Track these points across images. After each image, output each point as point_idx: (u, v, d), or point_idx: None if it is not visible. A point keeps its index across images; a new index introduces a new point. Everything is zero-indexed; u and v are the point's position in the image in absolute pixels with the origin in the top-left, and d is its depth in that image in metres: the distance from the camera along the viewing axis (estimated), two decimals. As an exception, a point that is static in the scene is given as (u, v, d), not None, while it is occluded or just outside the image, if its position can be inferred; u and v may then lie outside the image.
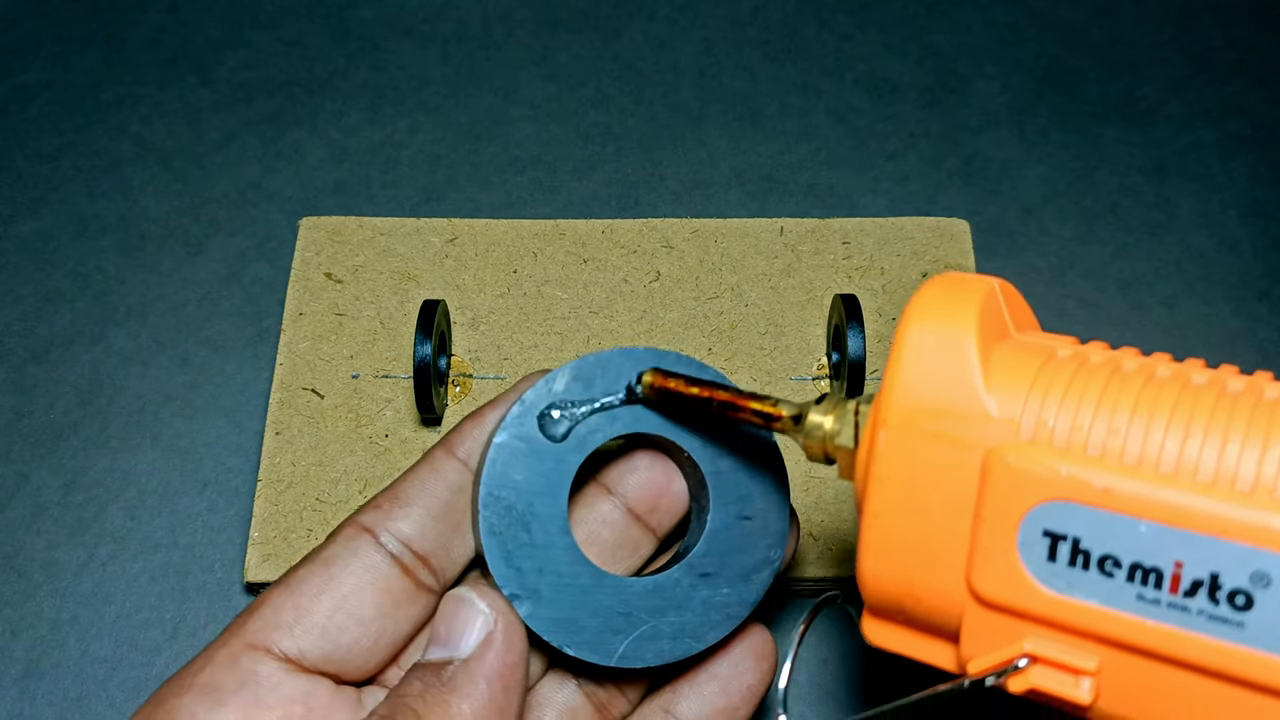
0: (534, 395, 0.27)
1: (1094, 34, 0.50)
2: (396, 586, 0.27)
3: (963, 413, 0.22)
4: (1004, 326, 0.24)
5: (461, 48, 0.49)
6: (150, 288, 0.43)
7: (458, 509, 0.28)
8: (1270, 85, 0.48)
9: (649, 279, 0.41)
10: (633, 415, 0.28)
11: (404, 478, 0.28)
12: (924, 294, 0.23)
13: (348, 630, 0.26)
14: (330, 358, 0.39)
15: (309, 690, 0.25)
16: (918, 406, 0.22)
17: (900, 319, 0.23)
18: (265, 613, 0.26)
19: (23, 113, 0.47)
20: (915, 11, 0.50)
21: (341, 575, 0.26)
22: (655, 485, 0.29)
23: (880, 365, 0.39)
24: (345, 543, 0.27)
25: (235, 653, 0.25)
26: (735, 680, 0.29)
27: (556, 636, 0.27)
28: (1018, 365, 0.22)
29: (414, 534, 0.27)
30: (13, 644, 0.36)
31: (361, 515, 0.27)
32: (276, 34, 0.50)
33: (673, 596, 0.28)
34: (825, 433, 0.25)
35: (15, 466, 0.39)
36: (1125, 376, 0.22)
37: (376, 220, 0.42)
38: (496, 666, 0.25)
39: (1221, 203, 0.45)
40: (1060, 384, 0.22)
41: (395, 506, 0.27)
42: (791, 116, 0.47)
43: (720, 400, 0.27)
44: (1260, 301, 0.43)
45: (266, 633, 0.25)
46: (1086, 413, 0.21)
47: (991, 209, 0.45)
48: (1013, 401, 0.22)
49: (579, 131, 0.47)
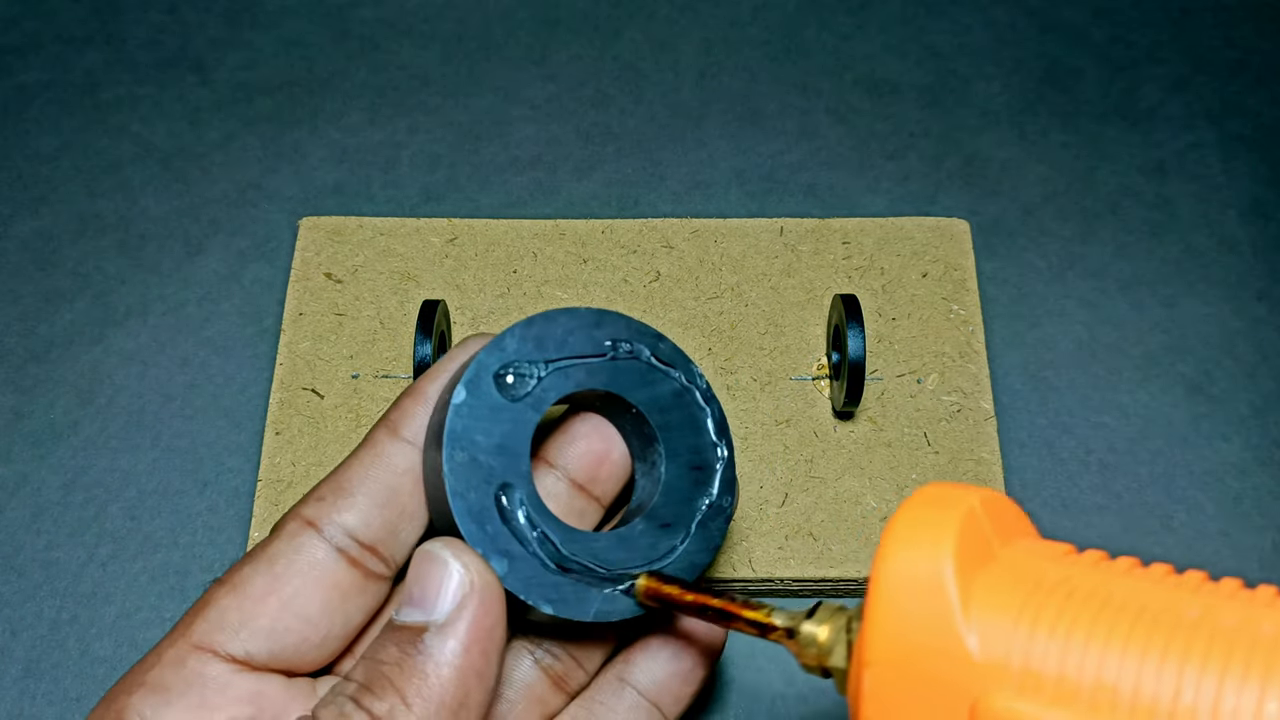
0: (487, 355, 0.27)
1: (1094, 34, 0.50)
2: (344, 580, 0.26)
3: (945, 654, 0.21)
4: (988, 547, 0.22)
5: (461, 48, 0.49)
6: (150, 288, 0.43)
7: (404, 492, 0.27)
8: (1270, 85, 0.48)
9: (649, 279, 0.41)
10: (586, 371, 0.28)
11: (347, 464, 0.27)
12: (899, 519, 0.22)
13: (295, 630, 0.25)
14: (330, 358, 0.39)
15: (259, 689, 0.25)
16: (900, 646, 0.21)
17: (879, 546, 0.22)
18: (210, 614, 0.25)
19: (23, 113, 0.47)
20: (915, 11, 0.50)
21: (286, 574, 0.26)
22: (595, 453, 0.29)
23: (880, 365, 0.39)
24: (289, 539, 0.26)
25: (182, 653, 0.25)
26: (686, 643, 0.29)
27: (532, 595, 0.26)
28: (1001, 598, 0.21)
29: (359, 524, 0.26)
30: (13, 644, 0.36)
31: (304, 508, 0.26)
32: (276, 34, 0.50)
33: (638, 548, 0.28)
34: (819, 647, 0.24)
35: (15, 466, 0.39)
36: (1115, 610, 0.20)
37: (376, 220, 0.42)
38: (475, 630, 0.24)
39: (1221, 203, 0.45)
40: (1045, 622, 0.20)
41: (339, 497, 0.26)
42: (791, 116, 0.47)
43: (714, 608, 0.26)
44: (1260, 301, 0.43)
45: (212, 634, 0.25)
46: (1074, 658, 0.20)
47: (991, 209, 0.45)
48: (996, 642, 0.20)
49: (579, 131, 0.47)
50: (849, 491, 0.37)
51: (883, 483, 0.37)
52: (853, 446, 0.37)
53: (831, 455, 0.37)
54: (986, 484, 0.37)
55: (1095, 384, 0.41)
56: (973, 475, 0.37)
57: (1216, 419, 0.40)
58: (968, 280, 0.41)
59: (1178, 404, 0.40)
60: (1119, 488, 0.39)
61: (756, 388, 0.38)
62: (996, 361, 0.41)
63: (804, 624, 0.25)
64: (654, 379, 0.29)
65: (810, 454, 0.37)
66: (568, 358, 0.28)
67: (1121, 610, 0.20)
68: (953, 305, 0.40)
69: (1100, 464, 0.39)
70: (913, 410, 0.38)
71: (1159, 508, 0.38)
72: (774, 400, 0.38)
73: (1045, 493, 0.38)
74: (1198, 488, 0.39)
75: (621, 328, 0.29)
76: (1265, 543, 0.38)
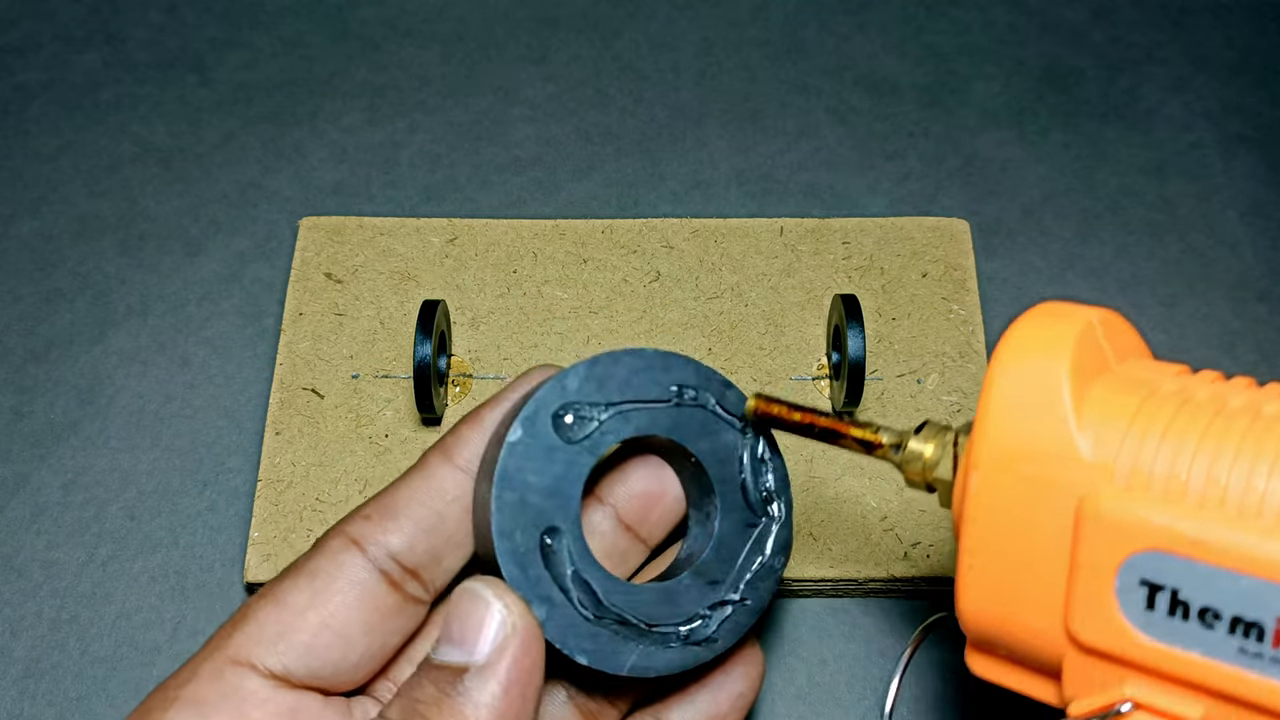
0: (547, 394, 0.27)
1: (1094, 34, 0.50)
2: (384, 601, 0.26)
3: (1055, 455, 0.21)
4: (1104, 360, 0.23)
5: (461, 48, 0.49)
6: (150, 288, 0.43)
7: (451, 520, 0.27)
8: (1270, 85, 0.48)
9: (649, 279, 0.41)
10: (649, 416, 0.28)
11: (397, 485, 0.27)
12: (1016, 329, 0.22)
13: (334, 648, 0.25)
14: (330, 358, 0.39)
15: (295, 705, 0.25)
16: (1009, 448, 0.21)
17: (992, 355, 0.22)
18: (250, 628, 0.25)
19: (23, 113, 0.47)
20: (915, 11, 0.50)
21: (327, 591, 0.25)
22: (649, 495, 0.29)
23: (880, 365, 0.39)
24: (332, 556, 0.26)
25: (219, 666, 0.25)
26: (725, 689, 0.29)
27: (568, 645, 0.26)
28: (1115, 404, 0.21)
29: (403, 548, 0.26)
30: (13, 644, 0.36)
31: (350, 525, 0.26)
32: (276, 34, 0.50)
33: (682, 604, 0.28)
34: (925, 461, 0.25)
35: (15, 466, 0.39)
36: (1229, 416, 0.21)
37: (376, 220, 0.42)
38: (515, 673, 0.24)
39: (1221, 203, 0.45)
40: (1159, 425, 0.21)
41: (385, 519, 0.26)
42: (791, 116, 0.47)
43: (821, 426, 0.26)
44: (1260, 301, 0.43)
45: (251, 648, 0.25)
46: (1185, 458, 0.20)
47: (991, 209, 0.45)
48: (1108, 443, 0.21)
49: (579, 131, 0.47)
50: (849, 491, 0.37)
51: (883, 483, 0.37)
52: (853, 446, 0.37)
53: (831, 455, 0.37)
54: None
55: (1095, 384, 0.41)
56: (973, 475, 0.37)
57: (1216, 419, 0.40)
58: (968, 280, 0.41)
59: (1178, 404, 0.40)
60: (1119, 488, 0.39)
61: (756, 388, 0.38)
62: (996, 361, 0.41)
63: (911, 440, 0.25)
64: (717, 428, 0.28)
65: (810, 454, 0.37)
66: (630, 401, 0.28)
67: (1235, 417, 0.21)
68: (953, 305, 0.40)
69: (1100, 464, 0.39)
70: (913, 410, 0.38)
71: (1159, 508, 0.38)
72: (774, 400, 0.38)
73: (1045, 493, 0.38)
74: (1198, 488, 0.39)
75: (690, 373, 0.28)
76: (1265, 543, 0.38)
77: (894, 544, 0.36)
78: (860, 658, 0.36)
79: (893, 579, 0.35)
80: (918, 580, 0.35)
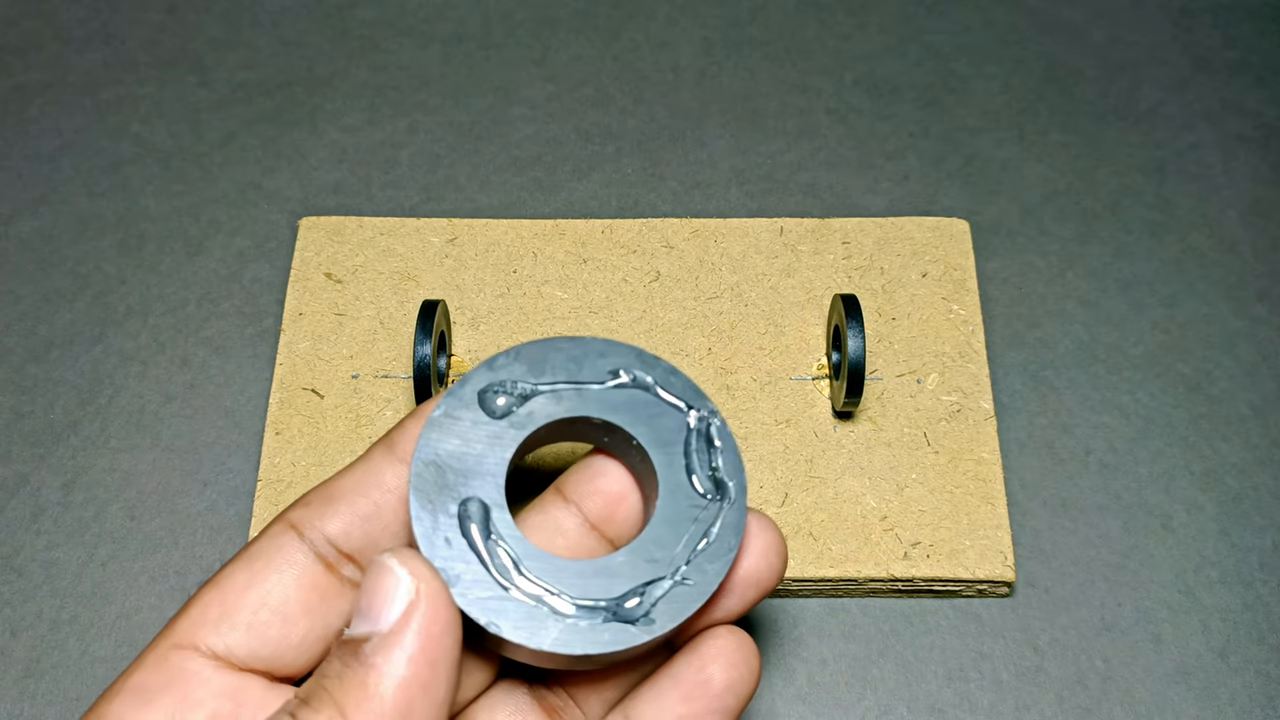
0: (475, 374, 0.27)
1: (1094, 34, 0.50)
2: (322, 582, 0.26)
3: None
4: None
5: (461, 48, 0.49)
6: (150, 288, 0.43)
7: (388, 509, 0.27)
8: (1270, 85, 0.48)
9: (649, 279, 0.41)
10: (579, 397, 0.28)
11: (340, 474, 0.27)
12: None
13: (274, 625, 0.25)
14: (330, 358, 0.39)
15: (239, 686, 0.25)
16: None
17: None
18: (192, 612, 0.25)
19: (23, 113, 0.47)
20: (915, 11, 0.50)
21: (265, 571, 0.26)
22: (613, 493, 0.29)
23: (880, 365, 0.39)
24: (271, 539, 0.26)
25: (163, 653, 0.25)
26: (700, 687, 0.28)
27: (485, 614, 0.25)
28: None
29: (339, 533, 0.26)
30: (13, 644, 0.36)
31: (290, 512, 0.27)
32: (276, 34, 0.50)
33: (615, 581, 0.26)
34: None
35: (15, 466, 0.39)
36: None
37: (376, 220, 0.42)
38: (419, 640, 0.23)
39: (1221, 203, 0.45)
40: None
41: (324, 505, 0.27)
42: (791, 116, 0.47)
43: None
44: (1260, 301, 0.43)
45: (193, 630, 0.25)
46: None
47: (991, 209, 0.45)
48: None
49: (579, 131, 0.47)
50: (849, 491, 0.36)
51: (883, 483, 0.37)
52: (853, 446, 0.37)
53: (831, 455, 0.37)
54: (987, 484, 0.37)
55: (1095, 384, 0.41)
56: (973, 475, 0.37)
57: (1216, 419, 0.40)
58: (968, 280, 0.41)
59: (1178, 404, 0.40)
60: (1119, 488, 0.39)
61: (756, 388, 0.38)
62: (996, 361, 0.41)
63: None
64: (659, 411, 0.28)
65: (810, 454, 0.37)
66: (563, 382, 0.28)
67: None
68: (953, 305, 0.40)
69: (1100, 464, 0.39)
70: (913, 410, 0.38)
71: (1159, 508, 0.38)
72: (774, 400, 0.38)
73: (1045, 493, 0.38)
74: (1198, 488, 0.39)
75: (631, 359, 0.28)
76: (1265, 543, 0.38)
77: (894, 544, 0.36)
78: (860, 658, 0.36)
79: (893, 579, 0.35)
80: (917, 580, 0.35)
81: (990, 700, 0.35)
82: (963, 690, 0.35)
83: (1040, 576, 0.37)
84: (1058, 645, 0.36)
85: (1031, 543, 0.37)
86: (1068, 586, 0.37)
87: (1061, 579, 0.37)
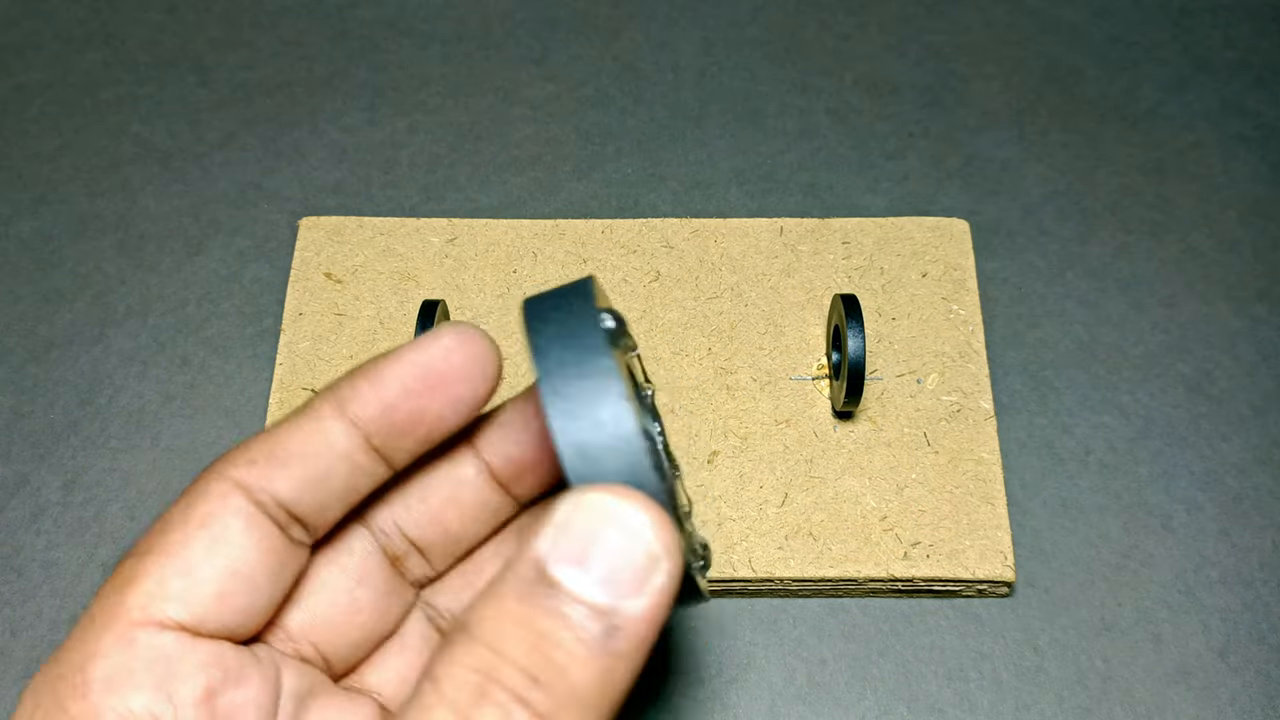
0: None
1: (1094, 34, 0.50)
2: (279, 546, 0.25)
3: None
4: None
5: (461, 48, 0.49)
6: (150, 288, 0.43)
7: (338, 475, 0.25)
8: (1270, 85, 0.48)
9: (649, 279, 0.41)
10: None
11: (284, 429, 0.25)
12: None
13: (242, 594, 0.24)
14: (330, 358, 0.39)
15: (217, 654, 0.24)
16: None
17: None
18: (147, 585, 0.24)
19: (23, 113, 0.47)
20: (915, 11, 0.50)
21: (226, 537, 0.24)
22: (526, 461, 0.28)
23: (880, 365, 0.39)
24: (222, 501, 0.25)
25: (125, 632, 0.23)
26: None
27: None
28: None
29: (290, 498, 0.25)
30: (13, 644, 0.36)
31: (233, 469, 0.25)
32: (276, 34, 0.50)
33: None
34: None
35: (15, 466, 0.39)
36: None
37: (376, 220, 0.42)
38: (658, 623, 0.21)
39: (1221, 203, 0.45)
40: None
41: (272, 465, 0.25)
42: (791, 116, 0.47)
43: None
44: (1260, 301, 0.43)
45: (155, 605, 0.23)
46: None
47: (991, 209, 0.45)
48: None
49: (579, 131, 0.47)
50: (849, 491, 0.36)
51: (883, 483, 0.37)
52: (853, 446, 0.37)
53: (831, 455, 0.37)
54: (987, 484, 0.37)
55: (1095, 384, 0.41)
56: (973, 475, 0.37)
57: (1216, 419, 0.40)
58: (968, 280, 0.41)
59: (1178, 404, 0.40)
60: (1119, 488, 0.39)
61: (756, 388, 0.38)
62: (996, 361, 0.41)
63: None
64: None
65: (810, 454, 0.37)
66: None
67: None
68: (953, 305, 0.40)
69: (1100, 464, 0.39)
70: (913, 410, 0.38)
71: (1159, 508, 0.38)
72: (774, 400, 0.38)
73: (1045, 493, 0.38)
74: (1198, 488, 0.39)
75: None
76: (1265, 543, 0.38)
77: (894, 544, 0.36)
78: (860, 658, 0.36)
79: (893, 579, 0.35)
80: (917, 580, 0.35)
81: (990, 700, 0.35)
82: (963, 690, 0.35)
83: (1040, 576, 0.37)
84: (1058, 645, 0.36)
85: (1031, 543, 0.37)
86: (1068, 586, 0.37)
87: (1061, 579, 0.37)
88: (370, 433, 0.25)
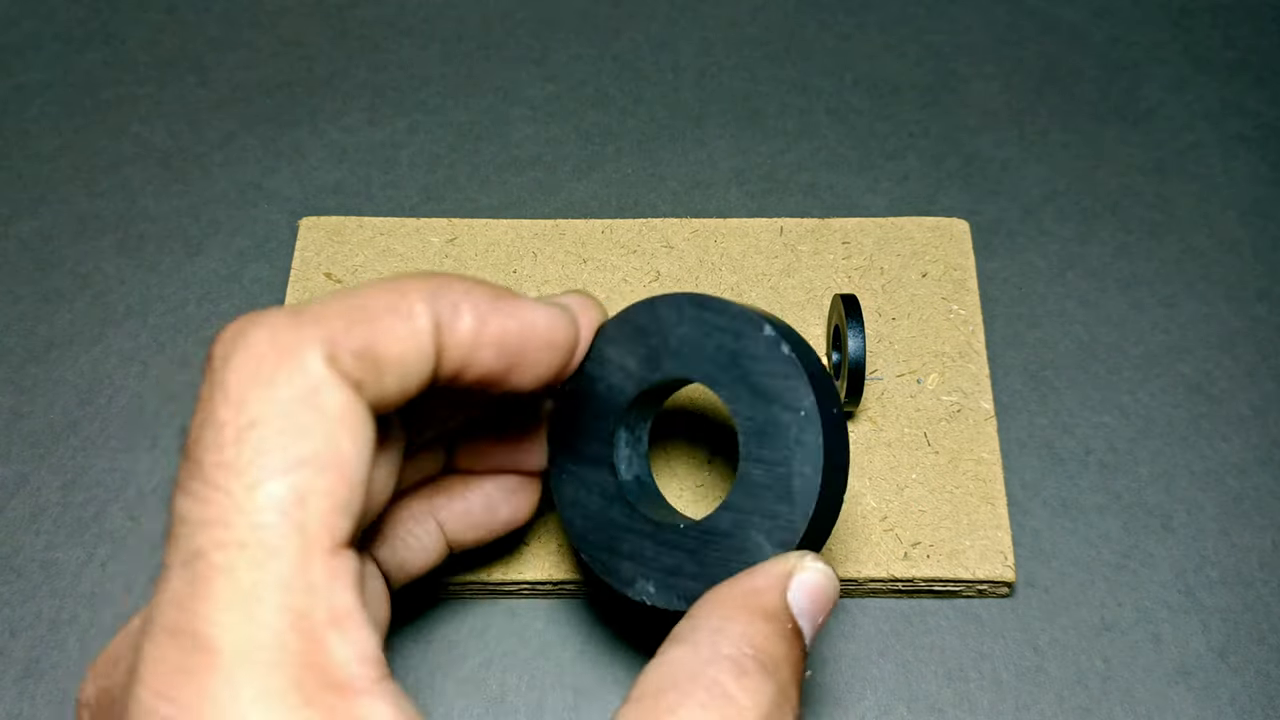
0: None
1: (1094, 34, 0.50)
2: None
3: None
4: None
5: (461, 48, 0.49)
6: (150, 288, 0.43)
7: (415, 356, 0.23)
8: (1270, 85, 0.48)
9: (649, 279, 0.41)
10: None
11: (382, 330, 0.23)
12: None
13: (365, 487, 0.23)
14: (330, 358, 0.39)
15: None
16: None
17: None
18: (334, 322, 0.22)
19: (23, 113, 0.47)
20: (915, 11, 0.50)
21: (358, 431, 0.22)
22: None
23: (880, 365, 0.39)
24: (336, 393, 0.22)
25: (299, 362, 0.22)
26: (504, 506, 0.30)
27: None
28: None
29: (380, 403, 0.23)
30: (13, 644, 0.36)
31: (340, 361, 0.22)
32: (276, 34, 0.50)
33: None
34: None
35: (15, 466, 0.39)
36: None
37: (376, 220, 0.42)
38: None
39: (1221, 203, 0.45)
40: None
41: (370, 371, 0.23)
42: (791, 116, 0.47)
43: None
44: (1260, 301, 0.43)
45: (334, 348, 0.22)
46: None
47: (991, 209, 0.45)
48: None
49: (579, 131, 0.47)
50: (849, 491, 0.36)
51: (883, 483, 0.37)
52: (853, 446, 0.37)
53: (831, 455, 0.37)
54: (987, 484, 0.37)
55: (1095, 384, 0.41)
56: (973, 475, 0.37)
57: (1216, 419, 0.40)
58: (968, 280, 0.41)
59: (1178, 404, 0.40)
60: (1119, 488, 0.39)
61: (756, 388, 0.38)
62: (996, 361, 0.41)
63: None
64: None
65: (810, 454, 0.37)
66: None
67: None
68: (953, 305, 0.40)
69: (1100, 464, 0.39)
70: (913, 410, 0.38)
71: (1159, 508, 0.38)
72: (774, 400, 0.38)
73: (1045, 493, 0.38)
74: (1198, 488, 0.39)
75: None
76: (1265, 543, 0.38)
77: (894, 544, 0.36)
78: (860, 658, 0.36)
79: (893, 579, 0.35)
80: (917, 580, 0.35)
81: (990, 700, 0.35)
82: (963, 690, 0.35)
83: (1040, 576, 0.37)
84: (1058, 645, 0.36)
85: (1031, 543, 0.37)
86: (1068, 586, 0.37)
87: (1061, 579, 0.37)
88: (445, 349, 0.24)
